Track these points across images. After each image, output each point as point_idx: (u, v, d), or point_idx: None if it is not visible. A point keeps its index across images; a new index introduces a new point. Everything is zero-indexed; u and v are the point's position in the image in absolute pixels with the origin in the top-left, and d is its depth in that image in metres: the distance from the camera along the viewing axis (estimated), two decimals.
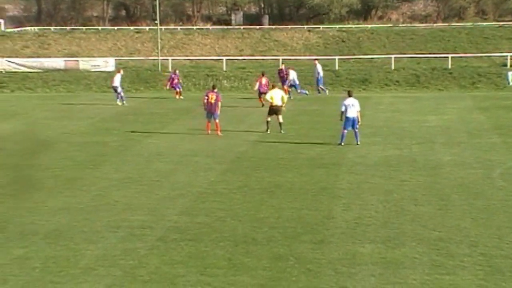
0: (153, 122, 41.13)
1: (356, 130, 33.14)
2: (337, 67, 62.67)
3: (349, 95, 33.44)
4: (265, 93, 47.39)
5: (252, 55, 70.68)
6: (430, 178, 26.73)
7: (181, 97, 52.34)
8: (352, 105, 32.96)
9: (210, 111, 36.33)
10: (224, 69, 63.58)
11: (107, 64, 64.92)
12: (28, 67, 65.09)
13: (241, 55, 70.33)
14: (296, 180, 26.57)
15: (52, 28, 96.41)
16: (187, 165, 29.59)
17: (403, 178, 26.69)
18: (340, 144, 33.00)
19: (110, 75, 62.21)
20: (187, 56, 70.96)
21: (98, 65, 64.62)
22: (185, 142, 34.67)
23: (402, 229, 20.50)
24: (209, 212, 22.43)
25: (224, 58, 65.97)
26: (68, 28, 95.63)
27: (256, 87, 48.48)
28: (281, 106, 36.64)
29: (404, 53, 68.06)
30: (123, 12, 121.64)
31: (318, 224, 21.07)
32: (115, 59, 66.40)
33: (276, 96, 36.59)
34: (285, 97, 37.52)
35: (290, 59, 65.39)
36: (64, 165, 29.75)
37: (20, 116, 44.33)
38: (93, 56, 69.96)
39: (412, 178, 26.69)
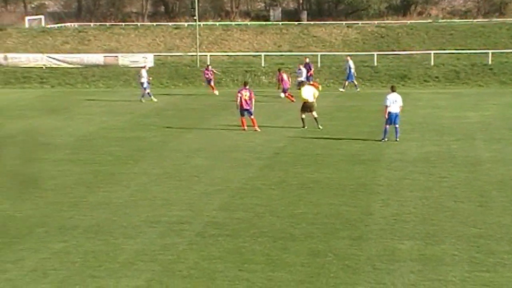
0: (191, 118, 41.24)
1: (397, 126, 32.97)
2: (375, 63, 62.35)
3: (393, 90, 33.29)
4: (288, 89, 47.55)
5: (291, 51, 70.52)
6: (470, 175, 26.52)
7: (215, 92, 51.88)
8: (395, 100, 32.84)
9: (245, 108, 36.37)
10: (263, 65, 63.54)
11: (146, 60, 65.11)
12: (68, 63, 65.55)
13: (280, 51, 70.22)
14: (334, 176, 26.52)
15: (91, 24, 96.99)
16: (225, 160, 29.65)
17: (442, 175, 26.52)
18: (382, 140, 32.84)
19: (149, 70, 62.48)
20: (225, 52, 70.98)
21: (137, 61, 64.82)
22: (223, 138, 34.73)
23: (442, 226, 20.38)
24: (247, 208, 22.47)
25: (263, 53, 65.92)
26: (107, 24, 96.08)
27: (287, 85, 48.26)
28: (313, 101, 36.65)
29: (444, 49, 67.49)
30: (162, 8, 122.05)
31: (356, 220, 21.02)
32: (154, 55, 66.64)
33: (308, 92, 36.61)
34: (316, 92, 37.49)
35: (328, 55, 65.18)
36: (103, 160, 29.96)
37: (61, 111, 44.68)
38: (132, 52, 70.24)
39: (452, 175, 26.51)
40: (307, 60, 54.08)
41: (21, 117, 42.29)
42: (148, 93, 48.87)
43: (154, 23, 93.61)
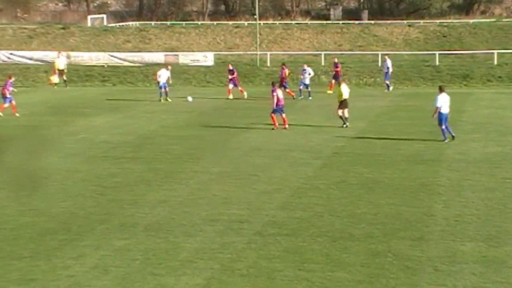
0: (250, 117, 41.28)
1: (447, 126, 32.75)
2: (437, 63, 61.79)
3: (442, 90, 33.07)
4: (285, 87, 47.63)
5: (351, 50, 70.28)
6: None
7: (230, 96, 49.25)
8: (445, 101, 32.71)
9: (281, 106, 36.77)
10: (323, 64, 63.40)
11: (206, 58, 65.50)
12: (130, 61, 66.21)
13: (340, 50, 70.00)
14: (394, 176, 26.34)
15: (152, 23, 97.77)
16: (284, 159, 29.64)
17: (505, 176, 26.16)
18: (444, 140, 32.52)
19: (209, 69, 62.89)
20: (285, 50, 71.00)
21: (198, 60, 65.26)
22: (282, 137, 34.72)
23: (505, 228, 20.11)
24: (307, 207, 22.45)
25: (323, 53, 65.80)
26: (168, 23, 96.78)
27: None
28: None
29: (507, 49, 66.60)
30: (222, 7, 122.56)
31: (417, 221, 20.86)
32: (214, 54, 66.96)
33: (347, 90, 37.19)
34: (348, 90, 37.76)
35: (389, 54, 64.72)
36: (163, 158, 30.18)
37: (122, 109, 45.13)
38: (193, 51, 70.69)
39: None
40: (336, 59, 53.92)
41: (83, 115, 42.80)
42: (166, 92, 48.27)
43: (215, 22, 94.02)
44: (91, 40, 76.69)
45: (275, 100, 36.80)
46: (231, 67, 50.86)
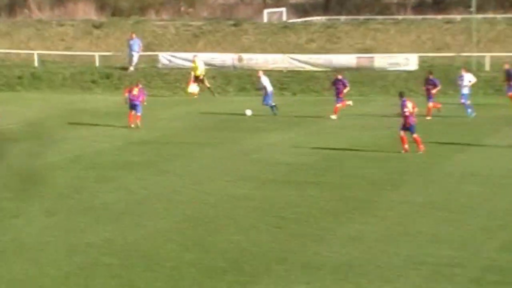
0: (466, 134, 40.76)
1: None
2: None
3: None
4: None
5: None
6: None
7: (333, 116, 47.59)
8: None
9: (411, 123, 36.38)
10: None
11: (408, 61, 64.96)
12: (313, 65, 66.45)
13: None
14: None
15: (342, 18, 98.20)
16: (508, 189, 29.17)
17: None
18: None
19: (412, 75, 62.46)
20: (510, 51, 69.64)
21: (397, 63, 64.86)
22: (504, 160, 34.12)
23: None
24: None
25: None
26: (361, 17, 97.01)
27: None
28: None
29: None
30: None
31: None
32: (419, 56, 66.39)
33: None
34: None
35: None
36: (355, 184, 30.25)
37: (303, 124, 45.56)
38: (392, 52, 70.44)
39: None
40: (507, 66, 52.12)
41: (255, 130, 43.44)
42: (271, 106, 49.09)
43: (420, 16, 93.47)
44: (268, 39, 77.80)
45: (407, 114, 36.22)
46: (340, 77, 50.03)
